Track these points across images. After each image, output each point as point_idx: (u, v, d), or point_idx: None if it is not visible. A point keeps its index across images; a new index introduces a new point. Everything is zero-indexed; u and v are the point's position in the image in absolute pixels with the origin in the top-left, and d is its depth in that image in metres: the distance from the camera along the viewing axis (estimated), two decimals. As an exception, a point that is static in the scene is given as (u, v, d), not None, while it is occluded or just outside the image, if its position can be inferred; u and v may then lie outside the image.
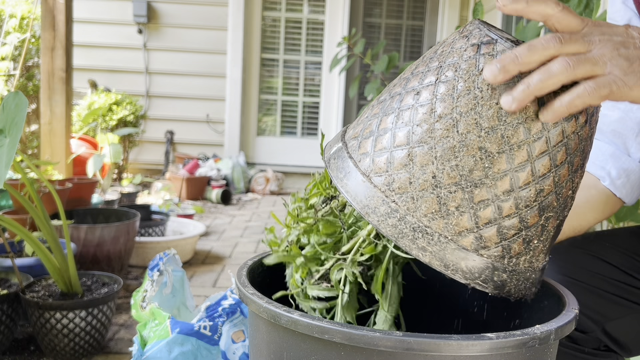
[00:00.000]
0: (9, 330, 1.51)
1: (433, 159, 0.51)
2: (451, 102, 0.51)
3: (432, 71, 0.54)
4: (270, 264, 0.67)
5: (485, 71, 0.49)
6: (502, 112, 0.50)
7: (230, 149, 5.00)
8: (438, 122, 0.51)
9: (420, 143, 0.51)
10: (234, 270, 2.35)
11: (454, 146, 0.50)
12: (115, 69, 4.90)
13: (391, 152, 0.53)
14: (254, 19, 5.06)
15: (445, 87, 0.51)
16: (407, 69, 0.59)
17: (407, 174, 0.52)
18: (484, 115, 0.50)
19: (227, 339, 1.07)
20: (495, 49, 0.51)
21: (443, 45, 0.56)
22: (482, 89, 0.50)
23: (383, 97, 0.58)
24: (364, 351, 0.47)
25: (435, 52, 0.56)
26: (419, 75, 0.55)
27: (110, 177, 3.23)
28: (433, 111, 0.51)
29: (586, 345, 0.78)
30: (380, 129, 0.54)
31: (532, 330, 0.49)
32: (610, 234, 0.84)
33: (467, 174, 0.50)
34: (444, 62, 0.53)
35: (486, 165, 0.50)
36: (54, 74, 2.65)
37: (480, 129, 0.50)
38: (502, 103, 0.49)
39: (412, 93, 0.54)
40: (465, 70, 0.51)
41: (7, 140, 1.24)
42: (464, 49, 0.53)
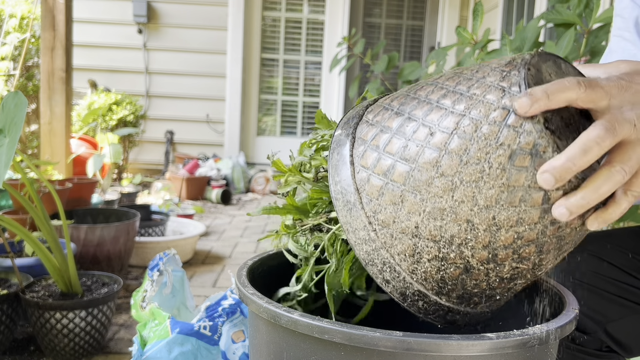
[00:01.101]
0: (8, 330, 1.51)
1: (421, 211, 0.50)
2: (457, 165, 0.49)
3: (456, 111, 0.50)
4: (267, 214, 0.68)
5: (540, 180, 0.46)
6: (503, 195, 0.48)
7: (230, 149, 5.00)
8: (438, 179, 0.49)
9: (414, 190, 0.50)
10: (234, 270, 2.35)
11: (444, 209, 0.49)
12: (115, 69, 4.90)
13: (386, 183, 0.52)
14: (254, 19, 5.06)
15: (458, 144, 0.49)
16: (445, 75, 0.55)
17: (393, 212, 0.51)
18: (484, 193, 0.48)
19: (227, 339, 1.07)
20: (523, 126, 0.47)
21: (482, 69, 0.52)
22: (492, 165, 0.48)
23: (407, 100, 0.55)
24: (364, 351, 0.47)
25: (472, 75, 0.52)
26: (443, 103, 0.52)
27: (110, 177, 3.23)
28: (438, 164, 0.49)
29: (588, 346, 0.78)
30: (386, 150, 0.52)
31: (532, 330, 0.49)
32: (611, 234, 0.84)
33: (448, 238, 0.50)
34: (470, 104, 0.50)
35: (469, 237, 0.50)
36: (53, 74, 2.65)
37: (475, 204, 0.49)
38: (556, 214, 0.47)
39: (427, 127, 0.51)
40: (484, 135, 0.48)
41: (7, 140, 1.24)
42: (494, 104, 0.49)
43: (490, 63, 0.53)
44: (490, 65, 0.53)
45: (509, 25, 3.75)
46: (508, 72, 0.50)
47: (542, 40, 2.00)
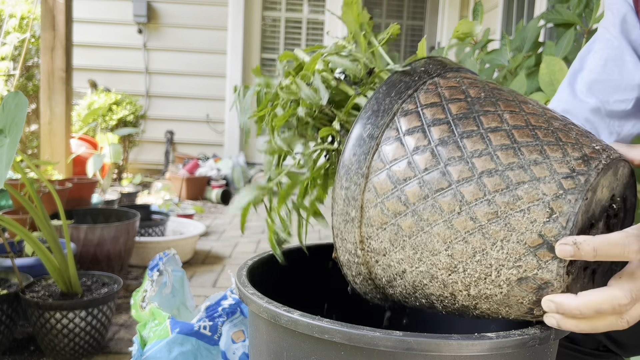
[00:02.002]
0: (8, 330, 1.51)
1: (414, 267, 0.51)
2: (468, 257, 0.49)
3: (496, 202, 0.47)
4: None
5: (544, 305, 0.47)
6: (495, 298, 0.50)
7: (230, 149, 5.00)
8: (443, 255, 0.49)
9: (416, 248, 0.50)
10: (234, 270, 2.35)
11: (436, 277, 0.51)
12: (115, 69, 4.90)
13: (392, 224, 0.51)
14: (254, 19, 5.06)
15: (478, 240, 0.48)
16: (523, 111, 0.51)
17: (387, 248, 0.52)
18: (478, 288, 0.50)
19: (227, 339, 1.07)
20: (547, 264, 0.46)
21: (552, 149, 0.49)
22: (499, 275, 0.48)
23: (441, 145, 0.50)
24: (364, 351, 0.47)
25: (540, 148, 0.49)
26: (488, 178, 0.48)
27: (110, 177, 3.23)
28: (448, 243, 0.49)
29: (585, 346, 0.78)
30: (405, 192, 0.50)
31: (532, 330, 0.49)
32: None
33: (427, 293, 0.53)
34: (512, 207, 0.47)
35: (446, 302, 0.53)
36: (53, 74, 2.65)
37: (466, 291, 0.51)
38: (546, 321, 0.48)
39: (458, 200, 0.49)
40: (507, 250, 0.48)
41: (7, 140, 1.24)
42: (533, 225, 0.47)
43: (563, 142, 0.49)
44: (559, 147, 0.49)
45: (509, 25, 3.75)
46: (564, 192, 0.47)
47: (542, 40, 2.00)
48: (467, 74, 0.57)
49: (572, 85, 0.81)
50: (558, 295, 0.46)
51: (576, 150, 0.49)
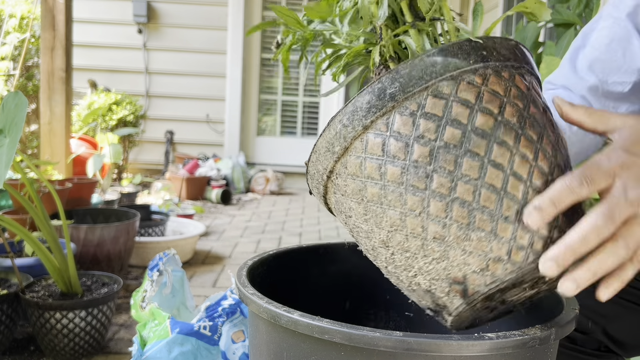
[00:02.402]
0: (8, 330, 1.51)
1: (355, 217, 0.55)
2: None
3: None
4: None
5: (543, 269, 0.48)
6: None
7: (230, 149, 5.00)
8: (376, 235, 0.54)
9: (365, 211, 0.54)
10: (234, 270, 2.35)
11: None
12: (115, 69, 4.90)
13: (359, 180, 0.54)
14: (254, 19, 5.06)
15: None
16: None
17: (347, 191, 0.55)
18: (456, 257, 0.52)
19: (227, 339, 1.07)
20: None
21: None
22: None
23: (443, 149, 0.51)
24: (364, 351, 0.47)
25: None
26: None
27: (110, 177, 3.23)
28: (387, 233, 0.53)
29: (586, 346, 0.78)
30: (388, 166, 0.52)
31: (532, 330, 0.49)
32: None
33: (358, 239, 0.57)
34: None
35: (366, 253, 0.57)
36: (53, 74, 2.65)
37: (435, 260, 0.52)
38: (563, 289, 0.49)
39: (411, 211, 0.51)
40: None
41: (7, 140, 1.24)
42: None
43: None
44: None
45: (509, 25, 3.75)
46: (507, 260, 0.50)
47: (542, 40, 2.00)
48: (532, 82, 0.55)
49: (574, 61, 0.80)
50: (548, 253, 0.48)
51: (546, 231, 0.50)
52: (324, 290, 0.74)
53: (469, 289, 0.50)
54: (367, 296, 0.76)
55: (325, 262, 0.75)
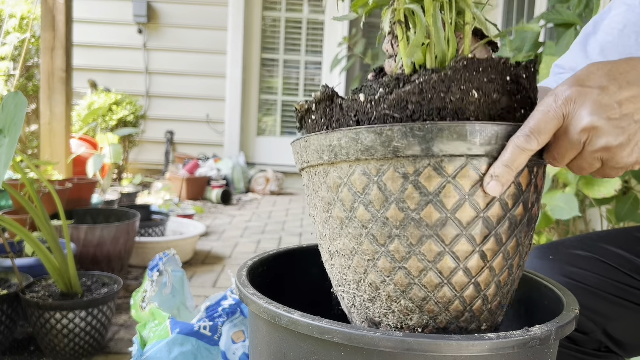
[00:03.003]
0: (8, 330, 1.51)
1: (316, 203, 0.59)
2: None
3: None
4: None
5: (489, 189, 0.50)
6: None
7: (230, 149, 5.00)
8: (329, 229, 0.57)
9: (328, 204, 0.57)
10: (234, 270, 2.35)
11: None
12: (115, 69, 4.90)
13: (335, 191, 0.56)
14: (254, 19, 5.06)
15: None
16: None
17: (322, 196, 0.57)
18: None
19: (227, 339, 1.07)
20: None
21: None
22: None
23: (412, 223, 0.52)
24: (364, 351, 0.47)
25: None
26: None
27: (110, 177, 3.23)
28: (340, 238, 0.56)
29: (586, 346, 0.78)
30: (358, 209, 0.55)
31: (532, 330, 0.49)
32: (610, 234, 0.84)
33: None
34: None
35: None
36: (53, 74, 2.65)
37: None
38: (489, 189, 0.50)
39: (376, 248, 0.54)
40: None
41: (7, 140, 1.24)
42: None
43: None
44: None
45: (509, 25, 3.75)
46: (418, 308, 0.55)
47: (542, 40, 2.00)
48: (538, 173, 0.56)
49: (584, 45, 0.80)
50: (487, 175, 0.50)
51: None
52: (324, 290, 0.74)
53: (382, 325, 0.55)
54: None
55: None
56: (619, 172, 0.53)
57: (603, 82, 0.50)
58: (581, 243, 0.82)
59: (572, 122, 0.50)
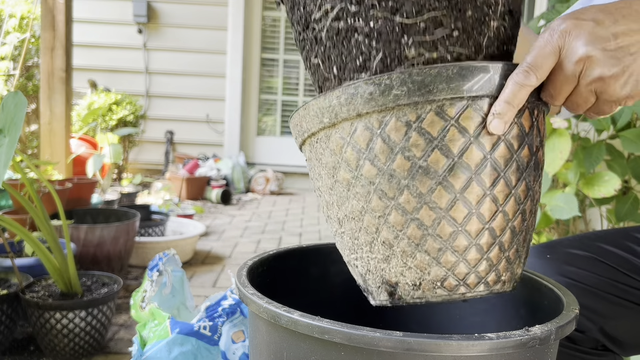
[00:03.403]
0: (8, 330, 1.51)
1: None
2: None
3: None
4: None
5: (492, 128, 0.50)
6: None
7: (230, 149, 5.00)
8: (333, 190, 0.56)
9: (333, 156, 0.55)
10: (234, 270, 2.35)
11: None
12: (115, 69, 4.90)
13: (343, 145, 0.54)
14: (254, 19, 5.06)
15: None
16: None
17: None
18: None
19: (227, 339, 1.07)
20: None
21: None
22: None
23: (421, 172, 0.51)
24: (364, 351, 0.47)
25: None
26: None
27: (110, 177, 3.23)
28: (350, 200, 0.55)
29: (584, 345, 0.79)
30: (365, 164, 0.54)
31: (533, 330, 0.49)
32: (608, 234, 0.84)
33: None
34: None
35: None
36: (53, 74, 2.65)
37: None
38: (492, 128, 0.50)
39: (389, 203, 0.53)
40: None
41: (6, 139, 1.24)
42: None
43: (506, 248, 0.54)
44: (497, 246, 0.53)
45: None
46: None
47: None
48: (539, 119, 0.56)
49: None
50: (489, 114, 0.50)
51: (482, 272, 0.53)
52: (324, 290, 0.74)
53: (397, 293, 0.54)
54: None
55: (325, 262, 0.75)
56: (612, 107, 0.53)
57: (599, 16, 0.50)
58: (579, 243, 0.82)
59: (568, 54, 0.50)
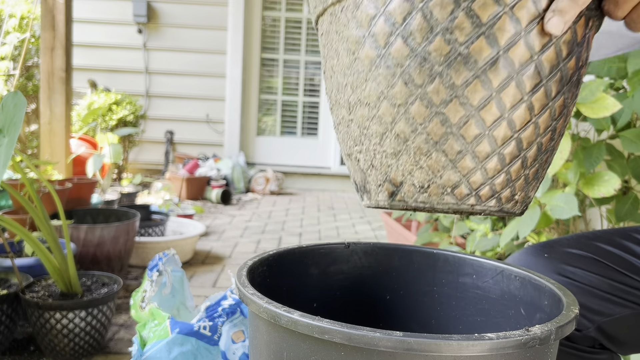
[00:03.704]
0: (8, 330, 1.51)
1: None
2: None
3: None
4: None
5: (551, 26, 0.44)
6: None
7: (230, 149, 5.00)
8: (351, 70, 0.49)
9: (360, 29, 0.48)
10: (234, 270, 2.35)
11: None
12: (115, 69, 4.90)
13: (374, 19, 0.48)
14: (254, 19, 5.06)
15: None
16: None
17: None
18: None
19: (227, 339, 1.07)
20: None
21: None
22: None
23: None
24: (364, 351, 0.47)
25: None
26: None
27: (110, 177, 3.23)
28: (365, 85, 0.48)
29: (581, 343, 0.79)
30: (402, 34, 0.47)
31: (532, 330, 0.49)
32: (606, 234, 0.84)
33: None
34: None
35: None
36: (53, 74, 2.65)
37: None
38: (550, 28, 0.44)
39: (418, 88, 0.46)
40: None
41: (6, 139, 1.24)
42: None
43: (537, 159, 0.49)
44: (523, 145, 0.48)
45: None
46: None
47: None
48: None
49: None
50: (549, 11, 0.44)
51: (525, 169, 0.48)
52: (324, 290, 0.74)
53: (399, 195, 0.49)
54: (367, 296, 0.76)
55: (325, 262, 0.75)
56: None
57: None
58: (576, 242, 0.82)
59: None
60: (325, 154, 5.22)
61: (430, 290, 0.75)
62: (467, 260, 0.70)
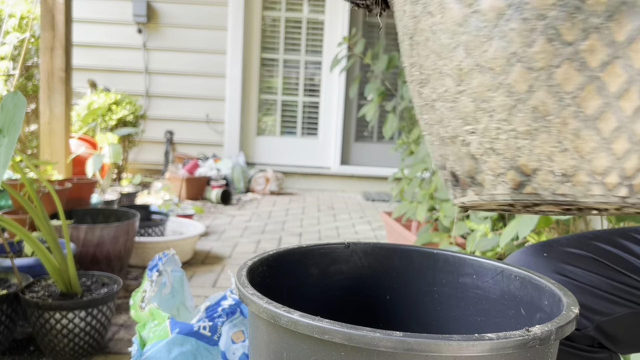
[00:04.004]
0: (8, 330, 1.51)
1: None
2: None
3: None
4: None
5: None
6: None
7: (230, 149, 5.00)
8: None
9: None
10: (233, 270, 2.35)
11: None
12: (115, 69, 4.90)
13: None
14: (254, 19, 5.06)
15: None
16: None
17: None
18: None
19: (226, 339, 1.07)
20: None
21: None
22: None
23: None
24: (364, 351, 0.47)
25: None
26: None
27: (109, 177, 3.23)
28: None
29: (580, 343, 0.79)
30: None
31: (533, 330, 0.48)
32: (605, 233, 0.84)
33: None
34: None
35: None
36: (53, 74, 2.65)
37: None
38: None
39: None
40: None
41: (5, 140, 1.24)
42: None
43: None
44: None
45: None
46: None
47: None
48: None
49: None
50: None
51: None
52: (324, 290, 0.74)
53: (530, 186, 0.39)
54: (366, 296, 0.76)
55: (325, 262, 0.75)
56: None
57: None
58: (576, 241, 0.83)
59: None
60: (325, 154, 5.22)
61: (430, 290, 0.75)
62: (467, 260, 0.70)
